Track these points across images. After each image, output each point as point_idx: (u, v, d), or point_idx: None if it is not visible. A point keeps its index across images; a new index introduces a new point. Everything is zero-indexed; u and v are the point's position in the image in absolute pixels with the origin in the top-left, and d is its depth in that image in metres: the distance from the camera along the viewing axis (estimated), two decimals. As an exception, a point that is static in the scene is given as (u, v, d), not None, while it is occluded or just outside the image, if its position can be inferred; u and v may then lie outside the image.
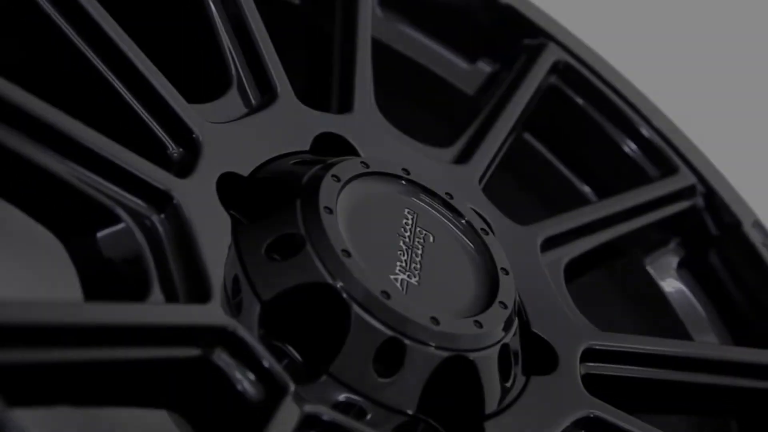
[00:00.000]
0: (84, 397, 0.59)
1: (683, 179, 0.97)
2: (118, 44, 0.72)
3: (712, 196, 0.98)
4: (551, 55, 0.99)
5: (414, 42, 1.02)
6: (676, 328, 0.96)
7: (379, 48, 1.00)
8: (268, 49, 0.82)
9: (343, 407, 0.69)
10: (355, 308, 0.68)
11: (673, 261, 0.99)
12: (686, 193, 0.97)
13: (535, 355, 0.79)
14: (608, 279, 1.00)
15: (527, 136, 1.03)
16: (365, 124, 0.85)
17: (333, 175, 0.74)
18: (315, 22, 0.95)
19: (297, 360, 0.69)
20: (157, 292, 0.64)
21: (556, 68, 1.00)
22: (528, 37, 1.01)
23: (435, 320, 0.70)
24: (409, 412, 0.69)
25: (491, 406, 0.73)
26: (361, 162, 0.77)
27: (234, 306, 0.68)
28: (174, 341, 0.61)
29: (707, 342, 0.92)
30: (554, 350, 0.79)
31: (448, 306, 0.72)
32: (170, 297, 0.65)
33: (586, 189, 1.01)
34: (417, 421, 0.70)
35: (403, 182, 0.78)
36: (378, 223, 0.75)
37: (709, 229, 0.98)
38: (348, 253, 0.70)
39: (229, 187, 0.73)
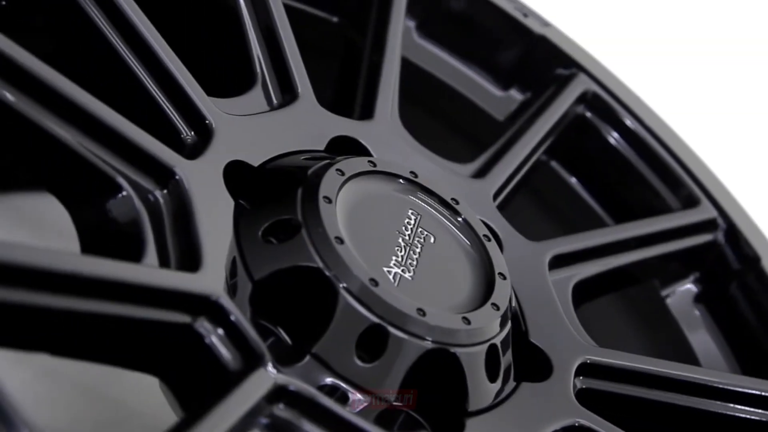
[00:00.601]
0: (65, 348, 0.60)
1: (704, 212, 0.96)
2: (145, 37, 0.74)
3: (732, 230, 0.96)
4: (580, 85, 0.99)
5: (449, 67, 1.03)
6: (689, 358, 0.94)
7: (415, 71, 1.02)
8: (293, 52, 0.83)
9: (328, 391, 0.69)
10: (342, 292, 0.68)
11: (692, 293, 0.97)
12: (706, 226, 0.96)
13: (531, 364, 0.79)
14: (624, 306, 0.98)
15: (554, 164, 1.03)
16: (383, 131, 0.85)
17: (337, 169, 0.75)
18: (350, 37, 0.97)
19: (284, 340, 0.69)
20: (150, 257, 0.65)
21: (584, 98, 1.00)
22: (560, 67, 1.02)
23: (421, 311, 0.70)
24: (390, 399, 0.69)
25: (475, 403, 0.72)
26: (369, 161, 0.78)
27: (230, 287, 0.69)
28: (158, 303, 0.62)
29: (710, 369, 0.89)
30: (549, 360, 0.78)
31: (439, 301, 0.72)
32: (163, 264, 0.66)
33: (608, 217, 1.00)
34: (398, 411, 0.70)
35: (410, 184, 0.78)
36: (379, 219, 0.75)
37: (730, 263, 0.96)
38: (341, 240, 0.70)
39: (240, 176, 0.75)
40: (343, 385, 0.68)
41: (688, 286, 0.97)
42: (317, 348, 0.68)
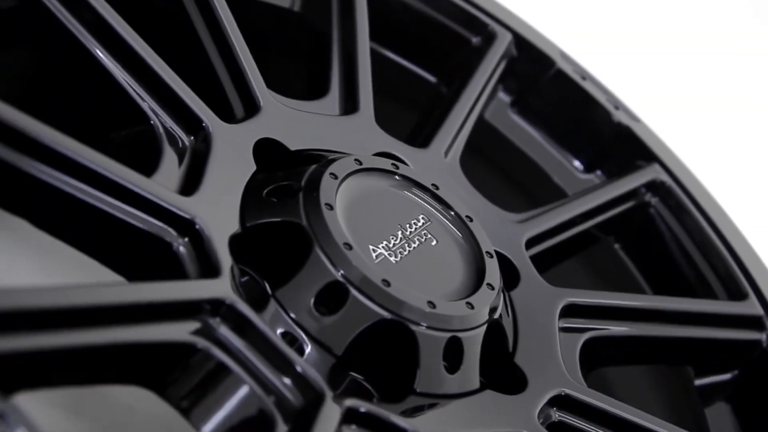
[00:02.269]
0: (49, 224, 0.64)
1: (749, 307, 0.89)
2: (226, 31, 0.80)
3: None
4: (649, 173, 0.97)
5: (534, 141, 1.03)
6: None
7: (503, 142, 1.03)
8: (365, 76, 0.87)
9: (289, 339, 0.68)
10: (316, 248, 0.69)
11: (725, 387, 0.89)
12: (750, 322, 0.88)
13: (507, 380, 0.75)
14: (655, 384, 0.92)
15: (617, 247, 0.99)
16: (432, 160, 0.86)
17: (356, 159, 0.76)
18: (441, 93, 1.00)
19: (262, 285, 0.69)
20: (159, 176, 0.69)
21: (653, 186, 0.97)
22: (640, 158, 1.00)
23: (387, 282, 0.69)
24: (336, 354, 0.68)
25: (425, 386, 0.69)
26: (392, 163, 0.79)
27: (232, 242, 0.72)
28: (148, 211, 0.65)
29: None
30: (526, 380, 0.74)
31: (412, 285, 0.70)
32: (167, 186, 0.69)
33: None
34: (344, 371, 0.68)
35: (427, 192, 0.79)
36: (385, 210, 0.75)
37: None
38: (330, 207, 0.71)
39: (277, 156, 0.78)
40: (295, 328, 0.68)
41: (726, 383, 0.89)
42: (280, 293, 0.68)
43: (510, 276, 0.82)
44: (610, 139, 1.01)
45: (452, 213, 0.79)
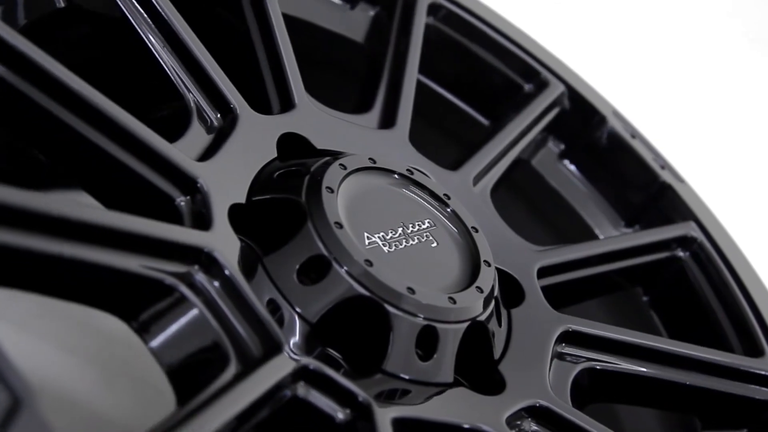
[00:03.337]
0: (61, 159, 0.68)
1: (764, 365, 0.84)
2: (278, 44, 0.84)
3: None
4: (681, 228, 0.94)
5: (579, 192, 1.02)
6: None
7: (546, 188, 1.03)
8: (407, 98, 0.89)
9: (272, 308, 0.69)
10: (309, 224, 0.70)
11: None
12: (763, 380, 0.83)
13: (486, 383, 0.73)
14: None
15: (647, 304, 0.96)
16: (459, 182, 0.87)
17: (371, 158, 0.78)
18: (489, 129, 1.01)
19: (254, 252, 0.71)
20: (181, 144, 0.72)
21: (684, 241, 0.94)
22: (680, 217, 0.97)
23: (369, 263, 0.69)
24: (311, 322, 0.68)
25: (394, 367, 0.69)
26: (407, 169, 0.80)
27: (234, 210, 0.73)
28: (156, 165, 0.68)
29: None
30: (505, 385, 0.72)
31: (397, 272, 0.70)
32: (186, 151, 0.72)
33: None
34: (317, 340, 0.68)
35: (436, 199, 0.79)
36: (390, 207, 0.76)
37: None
38: (331, 190, 0.72)
39: (301, 152, 0.80)
40: (276, 294, 0.68)
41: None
42: (267, 260, 0.70)
43: (515, 296, 0.82)
44: (653, 197, 1.00)
45: (458, 221, 0.79)
